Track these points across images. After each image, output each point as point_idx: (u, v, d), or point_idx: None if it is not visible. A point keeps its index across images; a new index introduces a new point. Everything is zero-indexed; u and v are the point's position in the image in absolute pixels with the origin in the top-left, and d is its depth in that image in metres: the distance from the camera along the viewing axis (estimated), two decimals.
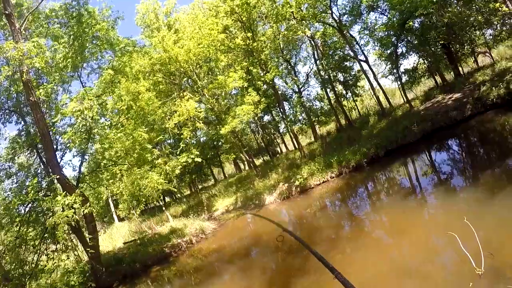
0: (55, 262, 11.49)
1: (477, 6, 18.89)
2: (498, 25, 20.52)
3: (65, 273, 10.75)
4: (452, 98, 17.45)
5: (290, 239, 9.52)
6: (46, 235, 11.67)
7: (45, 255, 11.88)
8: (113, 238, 19.60)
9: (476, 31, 21.50)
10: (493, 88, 14.87)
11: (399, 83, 22.90)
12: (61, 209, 9.85)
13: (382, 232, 8.66)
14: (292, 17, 19.67)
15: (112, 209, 29.30)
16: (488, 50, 23.19)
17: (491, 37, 22.64)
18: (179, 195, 33.00)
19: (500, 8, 16.32)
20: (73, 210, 9.82)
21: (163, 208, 22.35)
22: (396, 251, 7.13)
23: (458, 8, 18.55)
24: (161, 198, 30.92)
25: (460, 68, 23.78)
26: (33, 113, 11.96)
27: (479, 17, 18.70)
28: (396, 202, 10.14)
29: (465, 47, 23.40)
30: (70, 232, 11.74)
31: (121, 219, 27.46)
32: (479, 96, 15.35)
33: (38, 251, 11.66)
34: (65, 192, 10.62)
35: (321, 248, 8.66)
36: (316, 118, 27.48)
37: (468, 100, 15.86)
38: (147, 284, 12.12)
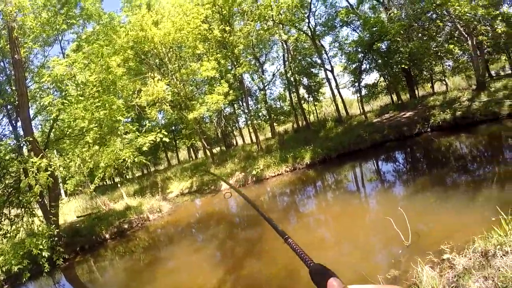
0: (19, 227, 11.00)
1: (438, 42, 21.14)
2: (456, 57, 22.90)
3: (34, 235, 9.99)
4: (404, 116, 19.20)
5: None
6: (11, 198, 11.05)
7: (8, 219, 11.24)
8: (63, 212, 19.13)
9: (435, 61, 23.71)
10: (441, 112, 16.74)
11: (358, 95, 24.43)
12: (36, 171, 9.52)
13: (324, 216, 9.99)
14: (271, 19, 20.53)
15: (60, 184, 28.20)
16: (444, 79, 25.65)
17: (449, 67, 25.16)
18: (130, 175, 32.49)
19: (453, 50, 18.82)
20: (48, 172, 9.62)
21: (118, 185, 22.16)
22: (337, 228, 8.44)
23: (421, 40, 20.55)
24: (111, 178, 30.42)
25: (416, 91, 26.00)
26: (15, 71, 11.37)
27: (437, 51, 20.90)
28: (341, 195, 11.47)
29: (424, 74, 25.69)
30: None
31: (68, 195, 26.61)
32: (427, 118, 17.14)
33: (2, 214, 11.00)
34: (41, 154, 10.26)
35: (264, 225, 9.75)
36: (276, 117, 28.64)
37: (417, 120, 17.60)
38: (105, 256, 12.18)
